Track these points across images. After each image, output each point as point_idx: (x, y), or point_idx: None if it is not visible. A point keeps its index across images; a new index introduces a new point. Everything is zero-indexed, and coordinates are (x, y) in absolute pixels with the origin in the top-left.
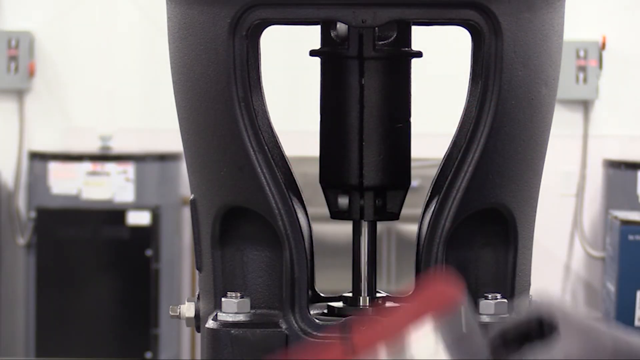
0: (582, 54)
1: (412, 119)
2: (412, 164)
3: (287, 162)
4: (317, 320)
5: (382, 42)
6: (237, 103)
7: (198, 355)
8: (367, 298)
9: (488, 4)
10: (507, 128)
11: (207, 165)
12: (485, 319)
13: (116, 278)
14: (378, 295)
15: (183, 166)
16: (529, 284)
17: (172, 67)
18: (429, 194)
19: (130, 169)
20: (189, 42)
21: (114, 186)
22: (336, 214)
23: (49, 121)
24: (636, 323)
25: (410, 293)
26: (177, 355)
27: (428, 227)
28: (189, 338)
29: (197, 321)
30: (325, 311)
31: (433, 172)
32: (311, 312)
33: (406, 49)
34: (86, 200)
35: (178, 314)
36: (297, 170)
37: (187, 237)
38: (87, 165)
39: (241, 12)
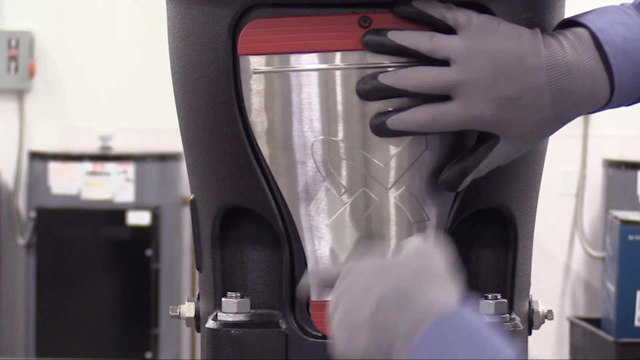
0: None
1: None
2: None
3: None
4: None
5: None
6: (237, 103)
7: (198, 355)
8: None
9: (488, 4)
10: None
11: (207, 165)
12: (485, 319)
13: (116, 278)
14: None
15: (183, 166)
16: (529, 284)
17: (172, 67)
18: None
19: (130, 169)
20: (189, 42)
21: (114, 186)
22: None
23: (48, 121)
24: (636, 323)
25: None
26: (177, 355)
27: None
28: (189, 338)
29: (197, 321)
30: None
31: None
32: None
33: None
34: (86, 200)
35: (178, 314)
36: None
37: (187, 237)
38: (87, 165)
39: (241, 12)
